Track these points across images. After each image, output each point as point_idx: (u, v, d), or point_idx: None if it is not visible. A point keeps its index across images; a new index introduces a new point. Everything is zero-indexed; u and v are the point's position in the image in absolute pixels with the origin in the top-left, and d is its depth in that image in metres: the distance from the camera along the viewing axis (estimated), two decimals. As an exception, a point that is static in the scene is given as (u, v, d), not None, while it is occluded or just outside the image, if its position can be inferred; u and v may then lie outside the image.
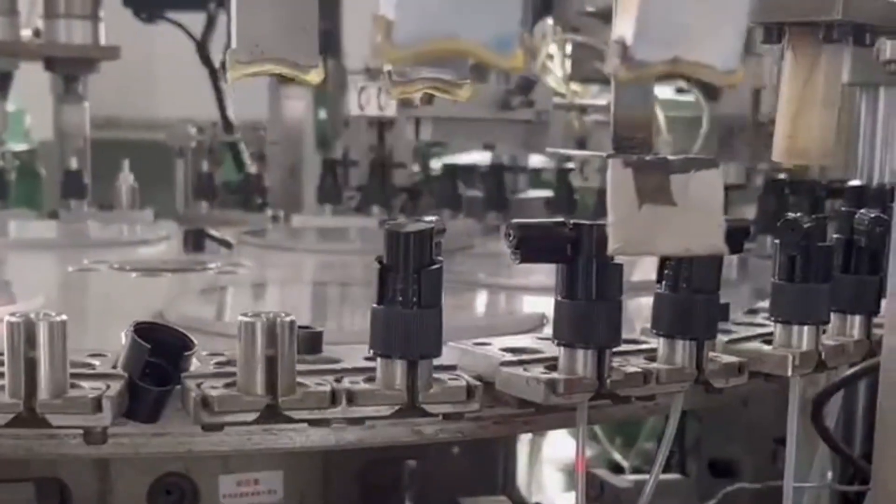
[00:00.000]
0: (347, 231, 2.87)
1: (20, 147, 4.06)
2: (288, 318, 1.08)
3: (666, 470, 1.84)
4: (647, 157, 1.13)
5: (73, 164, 3.01)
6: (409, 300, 1.07)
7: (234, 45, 1.05)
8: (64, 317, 1.04)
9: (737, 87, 1.65)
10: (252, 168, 3.32)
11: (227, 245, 2.44)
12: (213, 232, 2.47)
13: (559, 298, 1.15)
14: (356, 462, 1.67)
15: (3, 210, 2.94)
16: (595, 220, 1.14)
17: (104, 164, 3.18)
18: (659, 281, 1.23)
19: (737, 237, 1.17)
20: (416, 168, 3.38)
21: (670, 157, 1.14)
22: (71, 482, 1.54)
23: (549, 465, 3.78)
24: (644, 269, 1.86)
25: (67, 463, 1.52)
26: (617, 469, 2.92)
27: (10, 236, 2.75)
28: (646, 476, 2.02)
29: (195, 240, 2.43)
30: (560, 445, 3.82)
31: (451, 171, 3.17)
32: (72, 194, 3.01)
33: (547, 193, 3.20)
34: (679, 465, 2.51)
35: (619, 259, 1.14)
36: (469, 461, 2.42)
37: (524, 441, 3.72)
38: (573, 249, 1.13)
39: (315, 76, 1.06)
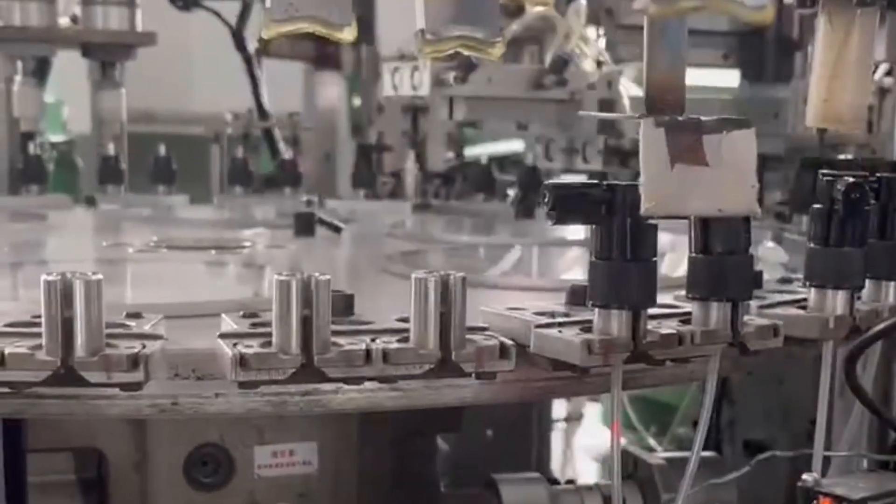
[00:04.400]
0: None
1: (58, 138, 4.10)
2: (323, 278, 1.08)
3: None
4: (680, 118, 1.13)
5: (111, 149, 3.04)
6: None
7: (268, 4, 1.05)
8: (100, 276, 1.05)
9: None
10: (287, 154, 3.33)
11: (337, 229, 2.42)
12: (323, 216, 2.45)
13: (594, 259, 1.15)
14: (390, 435, 1.68)
15: (41, 196, 2.96)
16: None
17: (139, 156, 3.20)
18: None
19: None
20: (450, 154, 3.39)
21: (703, 118, 1.14)
22: (109, 451, 1.55)
23: (583, 454, 3.79)
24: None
25: (105, 432, 1.54)
26: (652, 455, 2.91)
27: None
28: (677, 454, 2.03)
29: (305, 224, 2.41)
30: (594, 434, 3.82)
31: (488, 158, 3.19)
32: (109, 180, 3.03)
33: (581, 178, 3.21)
34: (715, 447, 2.51)
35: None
36: (502, 446, 2.43)
37: (558, 428, 3.73)
38: (608, 210, 1.14)
39: (348, 34, 1.07)
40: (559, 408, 3.79)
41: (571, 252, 2.35)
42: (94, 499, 1.58)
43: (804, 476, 1.09)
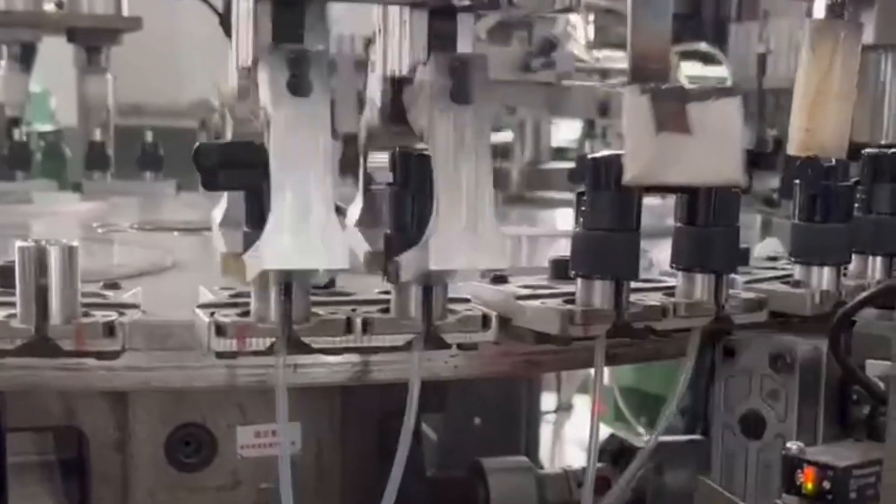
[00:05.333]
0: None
1: (46, 127, 4.07)
2: (300, 246, 1.06)
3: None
4: (664, 86, 1.12)
5: (97, 135, 3.02)
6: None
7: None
8: (75, 242, 1.04)
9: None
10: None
11: None
12: (340, 205, 2.42)
13: (577, 229, 1.14)
14: (374, 415, 1.66)
15: (27, 181, 2.95)
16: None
17: (128, 151, 3.18)
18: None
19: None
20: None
21: (688, 86, 1.13)
22: (89, 431, 1.53)
23: (573, 444, 3.79)
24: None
25: (84, 411, 1.52)
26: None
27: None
28: (665, 438, 2.02)
29: None
30: (584, 426, 3.81)
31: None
32: (95, 166, 3.02)
33: (570, 165, 3.20)
34: (704, 433, 2.49)
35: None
36: (491, 434, 2.42)
37: (548, 420, 3.73)
38: (592, 180, 1.13)
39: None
40: (549, 399, 3.78)
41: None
42: (75, 479, 1.56)
43: (788, 444, 1.08)
